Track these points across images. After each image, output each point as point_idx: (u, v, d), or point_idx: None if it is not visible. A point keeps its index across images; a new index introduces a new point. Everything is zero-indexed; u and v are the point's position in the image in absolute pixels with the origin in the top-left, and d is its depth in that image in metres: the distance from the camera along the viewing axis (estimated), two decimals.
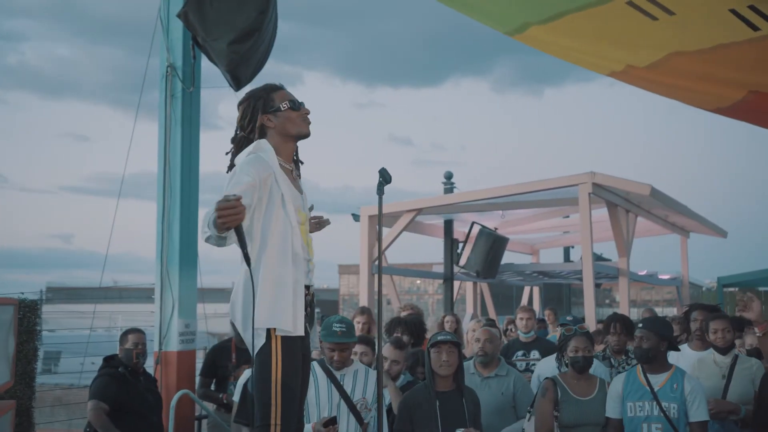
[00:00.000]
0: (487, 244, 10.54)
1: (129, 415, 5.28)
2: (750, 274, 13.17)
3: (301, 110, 3.34)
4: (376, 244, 9.96)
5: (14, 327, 3.11)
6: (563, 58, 6.24)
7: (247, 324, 3.09)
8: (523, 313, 7.56)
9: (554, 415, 4.65)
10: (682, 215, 11.49)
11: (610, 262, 10.47)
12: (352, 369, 4.49)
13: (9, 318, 2.96)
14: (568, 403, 4.65)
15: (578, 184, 8.77)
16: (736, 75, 5.41)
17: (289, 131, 3.30)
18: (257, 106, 3.31)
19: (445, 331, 4.95)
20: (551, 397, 4.68)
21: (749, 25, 4.57)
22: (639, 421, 4.41)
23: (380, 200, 3.49)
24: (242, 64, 5.84)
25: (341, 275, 65.37)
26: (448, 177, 11.29)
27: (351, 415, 4.36)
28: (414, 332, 6.21)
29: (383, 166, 3.42)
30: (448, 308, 10.90)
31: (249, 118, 3.31)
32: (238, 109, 3.39)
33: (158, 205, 6.42)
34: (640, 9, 4.73)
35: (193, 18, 5.77)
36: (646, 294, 48.51)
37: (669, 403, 4.39)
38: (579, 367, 4.75)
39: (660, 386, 4.45)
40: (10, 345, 3.03)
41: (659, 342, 4.54)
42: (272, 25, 6.10)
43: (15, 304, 3.07)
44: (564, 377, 4.82)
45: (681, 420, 4.37)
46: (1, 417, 2.90)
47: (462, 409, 4.49)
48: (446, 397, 4.56)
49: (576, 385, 4.74)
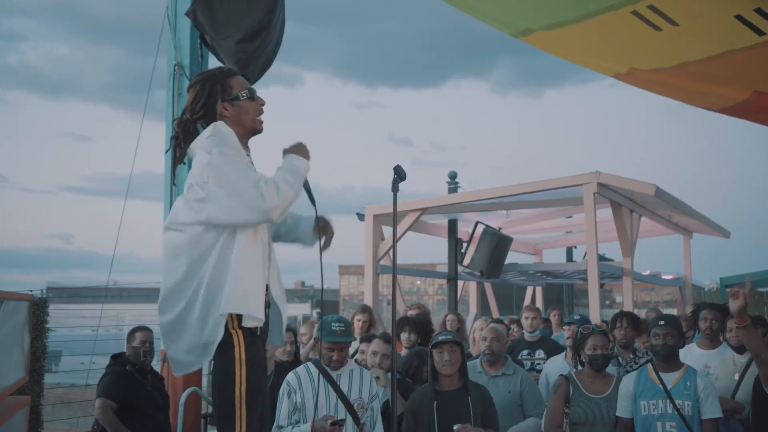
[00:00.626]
0: (491, 244, 10.54)
1: (136, 413, 5.29)
2: (753, 275, 13.17)
3: (258, 101, 3.17)
4: (381, 244, 9.97)
5: (29, 324, 3.13)
6: (567, 59, 6.26)
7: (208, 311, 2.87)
8: (528, 312, 7.56)
9: (565, 412, 4.67)
10: (685, 215, 11.49)
11: (614, 262, 10.46)
12: (347, 369, 4.47)
13: (24, 314, 2.97)
14: (580, 400, 4.68)
15: (583, 184, 8.77)
16: (741, 77, 5.42)
17: (245, 123, 3.12)
18: (214, 91, 3.11)
19: (446, 331, 4.96)
20: (562, 393, 4.72)
21: (755, 31, 4.57)
22: (653, 419, 4.44)
23: (395, 197, 3.49)
24: (250, 62, 5.85)
25: (341, 276, 65.42)
26: (452, 177, 11.29)
27: (348, 415, 4.34)
28: (422, 332, 6.23)
29: (398, 164, 3.41)
30: (452, 308, 10.91)
31: (203, 102, 3.10)
32: (187, 92, 3.19)
33: (165, 205, 6.42)
34: (644, 19, 4.73)
35: (201, 17, 5.78)
36: (647, 295, 48.56)
37: (683, 401, 4.42)
38: (597, 365, 4.78)
39: (673, 384, 4.48)
40: (26, 341, 3.05)
41: (680, 339, 4.59)
42: (279, 25, 6.12)
43: (30, 300, 3.08)
44: (579, 375, 4.85)
45: (695, 418, 4.40)
46: (17, 413, 2.91)
47: (467, 407, 4.50)
48: (450, 396, 4.58)
49: (591, 383, 4.77)
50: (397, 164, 3.41)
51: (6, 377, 2.62)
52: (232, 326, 2.91)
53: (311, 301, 47.70)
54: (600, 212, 9.61)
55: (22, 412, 3.03)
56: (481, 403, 4.58)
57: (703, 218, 12.01)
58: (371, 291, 9.83)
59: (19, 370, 2.94)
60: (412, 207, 10.03)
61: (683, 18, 4.72)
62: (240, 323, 2.92)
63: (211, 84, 3.11)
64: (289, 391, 4.38)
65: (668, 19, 4.70)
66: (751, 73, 5.30)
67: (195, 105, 3.09)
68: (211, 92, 3.09)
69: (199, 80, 3.15)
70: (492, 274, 10.75)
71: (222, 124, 3.05)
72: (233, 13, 5.72)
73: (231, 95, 3.09)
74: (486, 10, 5.75)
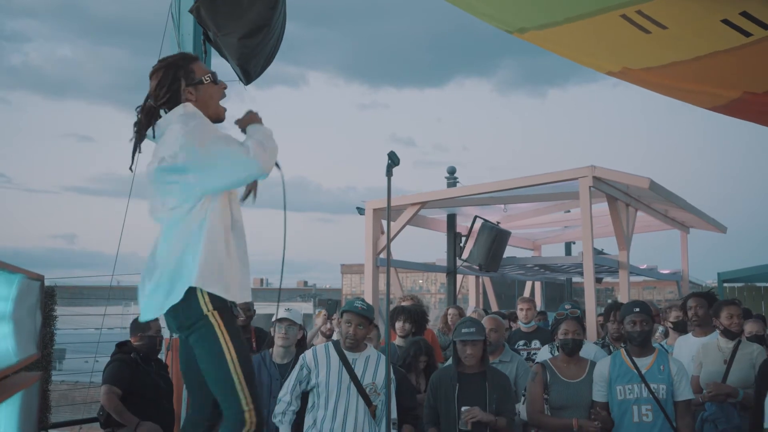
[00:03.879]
0: (489, 238, 10.66)
1: (141, 399, 5.34)
2: (749, 270, 13.27)
3: (220, 84, 3.16)
4: (381, 237, 10.09)
5: (41, 303, 3.25)
6: (563, 56, 6.38)
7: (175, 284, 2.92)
8: (523, 303, 7.70)
9: (544, 398, 4.81)
10: (681, 210, 11.61)
11: (610, 255, 10.59)
12: (364, 354, 4.61)
13: (36, 292, 3.08)
14: (557, 385, 4.79)
15: (579, 178, 8.91)
16: (730, 77, 5.51)
17: (210, 107, 3.12)
18: (177, 76, 3.10)
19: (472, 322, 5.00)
20: (540, 380, 4.84)
21: (742, 33, 4.66)
22: (629, 404, 4.50)
23: (389, 181, 3.61)
24: (253, 58, 5.97)
25: (344, 275, 65.53)
26: (451, 172, 11.43)
27: (360, 397, 4.47)
28: (416, 320, 6.38)
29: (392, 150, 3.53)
30: (451, 301, 11.04)
31: (167, 88, 3.09)
32: (150, 78, 3.16)
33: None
34: (633, 22, 4.83)
35: (205, 13, 5.89)
36: (648, 294, 48.56)
37: (657, 385, 4.49)
38: (568, 350, 4.88)
39: (647, 368, 4.55)
40: (38, 319, 3.16)
41: (652, 324, 4.71)
42: (281, 21, 6.24)
43: (42, 279, 3.20)
44: (554, 361, 4.97)
45: (668, 400, 4.48)
46: (29, 388, 3.00)
47: (483, 391, 4.69)
48: (469, 378, 4.78)
49: (565, 368, 4.87)
50: (391, 150, 3.53)
51: (22, 350, 2.74)
52: (207, 309, 2.94)
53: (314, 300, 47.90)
54: (596, 207, 9.74)
55: (33, 388, 3.15)
56: (498, 388, 4.77)
57: (699, 213, 12.12)
58: (371, 284, 9.95)
59: (31, 346, 3.03)
60: (411, 201, 10.16)
61: (671, 22, 4.81)
62: (213, 305, 2.95)
63: (174, 69, 3.11)
64: (302, 365, 4.52)
65: (656, 23, 4.79)
66: (740, 73, 5.40)
67: (159, 90, 3.09)
68: (174, 77, 3.10)
69: (161, 66, 3.15)
70: (490, 267, 10.87)
71: (190, 105, 3.08)
72: (236, 8, 5.84)
73: (195, 80, 3.11)
74: (482, 8, 5.86)
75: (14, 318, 2.60)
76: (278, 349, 5.21)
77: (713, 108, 6.13)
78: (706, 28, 4.79)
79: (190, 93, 3.10)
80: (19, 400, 2.72)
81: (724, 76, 5.53)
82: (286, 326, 5.17)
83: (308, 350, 4.64)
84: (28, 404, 2.94)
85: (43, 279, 3.24)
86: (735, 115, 6.40)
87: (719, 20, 4.62)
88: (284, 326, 5.17)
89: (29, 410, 2.97)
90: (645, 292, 47.94)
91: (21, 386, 2.70)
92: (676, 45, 5.15)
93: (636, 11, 4.73)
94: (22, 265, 2.78)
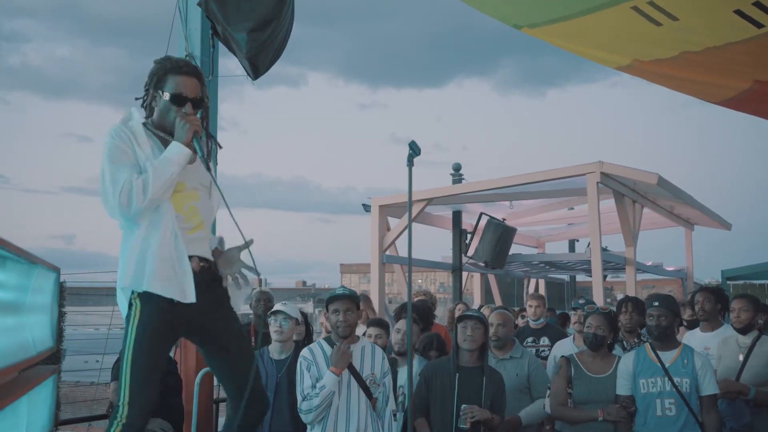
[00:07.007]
0: (495, 235, 10.63)
1: None
2: (754, 267, 13.20)
3: (181, 109, 3.05)
4: (386, 234, 10.06)
5: (57, 295, 3.21)
6: (571, 51, 6.35)
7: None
8: (533, 300, 7.65)
9: (568, 392, 4.77)
10: (687, 206, 11.58)
11: (617, 252, 10.55)
12: (359, 346, 4.53)
13: (53, 283, 3.04)
14: (581, 380, 4.75)
15: (586, 174, 8.88)
16: (741, 67, 5.48)
17: (164, 126, 3.09)
18: (152, 82, 3.11)
19: (476, 311, 5.10)
20: (564, 374, 4.80)
21: (755, 24, 4.63)
22: (652, 397, 4.48)
23: (410, 171, 3.57)
24: (261, 52, 5.93)
25: (342, 274, 65.52)
26: (457, 169, 11.38)
27: (361, 390, 4.42)
28: (422, 316, 6.33)
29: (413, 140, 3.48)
30: (457, 298, 11.00)
31: (146, 87, 3.14)
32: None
33: None
34: (645, 14, 4.81)
35: (213, 6, 5.86)
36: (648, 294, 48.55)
37: (681, 378, 4.46)
38: (589, 343, 4.84)
39: (671, 362, 4.53)
40: (54, 311, 3.12)
41: (674, 319, 4.66)
42: (290, 15, 6.20)
43: (58, 271, 3.16)
44: (580, 355, 4.92)
45: (692, 395, 4.44)
46: (45, 381, 2.98)
47: (481, 387, 4.63)
48: (467, 372, 4.72)
49: (591, 363, 4.83)
50: (412, 140, 3.48)
51: (41, 342, 2.70)
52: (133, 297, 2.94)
53: (313, 300, 47.92)
54: (603, 204, 9.72)
55: (50, 380, 3.12)
56: (494, 386, 4.71)
57: (704, 209, 12.10)
58: (377, 281, 9.91)
59: (48, 339, 3.01)
60: (417, 198, 10.12)
61: (683, 13, 4.79)
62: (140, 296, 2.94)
63: (156, 71, 3.12)
64: (307, 364, 4.47)
65: (668, 15, 4.77)
66: (751, 63, 5.37)
67: (144, 86, 3.15)
68: (151, 80, 3.12)
69: (155, 62, 3.17)
70: (496, 264, 10.84)
71: (135, 112, 3.09)
72: (244, 2, 5.81)
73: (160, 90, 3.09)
74: (490, 3, 5.84)
75: (35, 309, 2.56)
76: (274, 344, 5.17)
77: (720, 102, 6.11)
78: (719, 18, 4.77)
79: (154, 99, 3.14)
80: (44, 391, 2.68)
81: (735, 67, 5.50)
82: (281, 319, 5.12)
83: (304, 349, 4.57)
84: (45, 397, 2.90)
85: (59, 271, 3.21)
86: (742, 110, 6.37)
87: (732, 10, 4.59)
88: (279, 319, 5.12)
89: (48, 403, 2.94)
90: (646, 291, 47.94)
91: (41, 378, 2.66)
92: (688, 37, 5.12)
93: (647, 2, 4.70)
94: None
